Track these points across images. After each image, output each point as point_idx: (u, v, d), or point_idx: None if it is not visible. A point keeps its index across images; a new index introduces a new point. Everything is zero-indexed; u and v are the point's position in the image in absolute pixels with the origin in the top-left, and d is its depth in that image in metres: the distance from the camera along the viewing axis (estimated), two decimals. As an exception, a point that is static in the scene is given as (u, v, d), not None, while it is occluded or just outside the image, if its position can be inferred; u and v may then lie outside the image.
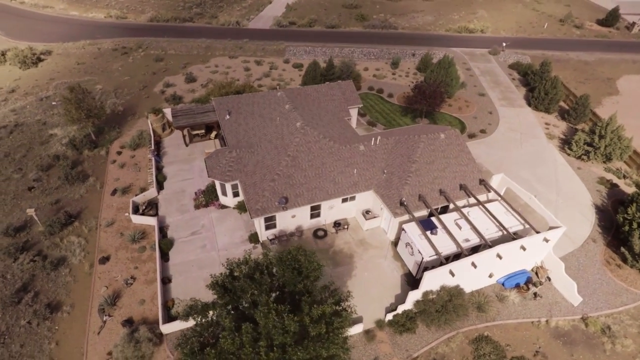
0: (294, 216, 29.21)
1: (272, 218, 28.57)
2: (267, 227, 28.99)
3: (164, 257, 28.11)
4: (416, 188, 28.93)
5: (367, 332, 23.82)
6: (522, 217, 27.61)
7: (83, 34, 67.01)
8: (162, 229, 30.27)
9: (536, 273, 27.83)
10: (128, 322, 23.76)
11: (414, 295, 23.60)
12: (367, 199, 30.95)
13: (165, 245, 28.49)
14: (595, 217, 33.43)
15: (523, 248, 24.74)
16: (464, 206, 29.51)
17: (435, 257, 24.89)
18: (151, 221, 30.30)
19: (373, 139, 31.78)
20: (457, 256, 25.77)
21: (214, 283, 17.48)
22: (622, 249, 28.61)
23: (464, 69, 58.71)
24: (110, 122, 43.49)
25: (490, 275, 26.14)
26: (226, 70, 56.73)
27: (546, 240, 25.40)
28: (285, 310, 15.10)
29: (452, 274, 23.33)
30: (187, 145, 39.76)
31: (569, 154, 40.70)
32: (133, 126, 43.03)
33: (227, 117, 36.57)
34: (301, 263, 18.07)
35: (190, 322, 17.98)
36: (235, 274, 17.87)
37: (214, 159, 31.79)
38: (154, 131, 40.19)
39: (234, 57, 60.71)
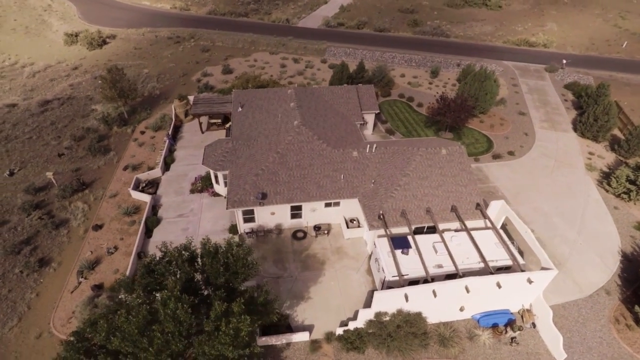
0: (273, 213, 29.16)
1: (251, 212, 28.78)
2: (246, 220, 29.28)
3: (148, 233, 29.74)
4: (401, 203, 27.28)
5: (314, 342, 23.02)
6: (509, 251, 24.70)
7: (147, 21, 73.10)
8: (155, 207, 32.02)
9: (522, 316, 24.79)
10: (97, 287, 25.54)
11: (366, 314, 22.28)
12: (352, 207, 29.86)
13: (152, 223, 30.09)
14: (618, 266, 28.86)
15: (499, 285, 22.14)
16: (455, 230, 27.20)
17: (397, 277, 23.28)
18: (146, 198, 32.19)
19: (368, 146, 30.58)
20: (427, 281, 23.87)
21: (144, 264, 18.05)
22: (637, 308, 24.37)
23: (510, 84, 53.99)
24: (145, 104, 46.97)
25: (462, 309, 23.78)
26: (263, 65, 58.25)
27: (530, 282, 22.44)
28: (187, 301, 15.14)
29: (406, 299, 21.60)
30: (202, 132, 41.56)
31: (607, 190, 35.59)
32: (163, 110, 45.99)
33: (240, 109, 37.54)
34: (229, 259, 17.96)
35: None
36: (166, 258, 18.29)
37: (212, 148, 32.86)
38: (176, 116, 42.64)
39: (274, 53, 62.13)
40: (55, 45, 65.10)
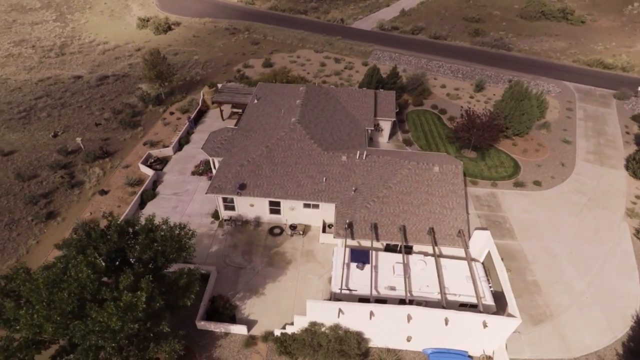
0: (252, 205, 29.53)
1: (232, 201, 29.47)
2: (226, 208, 30.04)
3: (142, 205, 31.96)
4: (375, 215, 25.92)
5: (251, 338, 22.98)
6: (476, 289, 22.11)
7: (212, 12, 78.01)
8: (156, 183, 34.28)
9: (481, 362, 22.19)
10: (82, 245, 28.13)
11: (301, 321, 21.62)
12: (333, 212, 29.06)
13: (147, 197, 32.30)
14: (625, 332, 24.37)
15: (447, 321, 20.01)
16: (426, 254, 25.12)
17: (346, 291, 22.23)
18: (150, 173, 34.59)
19: (359, 152, 29.49)
20: (380, 300, 22.43)
21: (84, 231, 19.29)
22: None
23: (564, 107, 48.03)
24: (184, 88, 50.38)
25: (409, 339, 21.92)
26: (304, 62, 58.91)
27: (484, 325, 19.92)
28: (100, 268, 16.11)
29: (339, 314, 20.49)
30: (223, 119, 43.38)
31: (644, 243, 30.21)
32: (197, 94, 48.90)
33: (255, 101, 38.57)
34: (158, 238, 18.66)
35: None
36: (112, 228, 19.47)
37: (215, 134, 34.22)
38: (203, 102, 45.06)
39: (318, 52, 62.49)
40: (129, 28, 72.55)
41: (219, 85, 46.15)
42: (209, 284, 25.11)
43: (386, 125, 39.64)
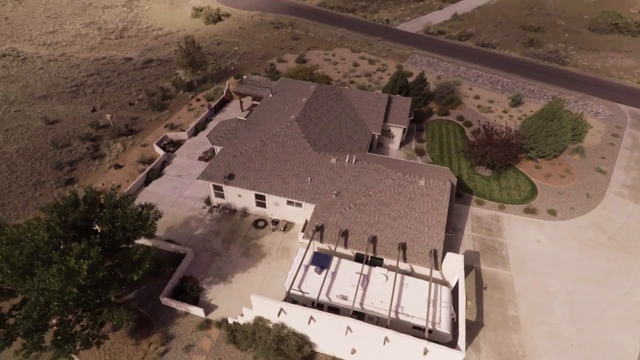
0: (240, 195, 30.40)
1: (221, 189, 30.57)
2: (217, 195, 31.24)
3: (147, 182, 34.29)
4: (348, 222, 25.47)
5: (206, 321, 23.89)
6: (436, 314, 20.91)
7: (262, 6, 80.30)
8: (164, 163, 36.53)
9: (427, 390, 21.02)
10: (86, 212, 30.97)
11: (248, 314, 22.03)
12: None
13: (152, 175, 34.56)
14: (607, 392, 21.67)
15: (386, 340, 19.24)
16: (390, 267, 24.21)
17: (299, 292, 22.27)
18: (161, 154, 36.93)
19: (348, 156, 29.04)
20: (332, 308, 22.18)
21: (71, 198, 21.28)
22: None
23: (609, 133, 43.01)
24: (216, 77, 52.82)
25: (352, 352, 21.39)
26: (338, 60, 58.75)
27: (425, 352, 18.83)
28: (57, 233, 17.85)
29: (279, 313, 20.54)
30: (242, 110, 44.87)
31: (662, 296, 26.39)
32: (226, 84, 50.97)
33: (270, 95, 39.45)
34: (118, 214, 20.09)
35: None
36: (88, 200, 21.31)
37: (222, 124, 35.60)
38: (228, 92, 46.90)
39: (355, 51, 61.90)
40: (184, 16, 77.19)
41: (244, 77, 47.71)
42: (182, 264, 26.46)
43: (397, 132, 38.44)
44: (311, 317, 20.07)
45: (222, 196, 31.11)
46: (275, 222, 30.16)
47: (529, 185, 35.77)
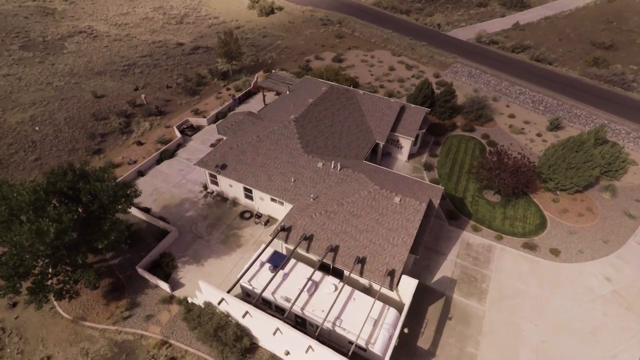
0: (231, 185, 31.94)
1: (215, 177, 32.34)
2: (212, 182, 33.09)
3: (159, 162, 37.26)
4: (314, 227, 25.71)
5: (170, 297, 25.84)
6: (376, 334, 20.60)
7: (315, 1, 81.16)
8: (179, 146, 39.32)
9: (354, 407, 20.91)
10: (101, 180, 34.63)
11: (200, 297, 23.44)
12: (295, 213, 29.64)
13: (165, 155, 37.45)
14: None
15: (310, 349, 19.45)
16: (343, 280, 24.09)
17: (249, 286, 23.22)
18: (177, 136, 39.77)
19: (333, 162, 29.09)
20: (279, 308, 22.86)
21: (62, 168, 24.10)
22: None
23: (656, 174, 37.74)
24: (252, 68, 55.08)
25: (286, 353, 21.87)
26: (375, 63, 58.00)
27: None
28: (41, 198, 20.63)
29: (220, 302, 21.60)
30: (264, 104, 46.41)
31: (656, 368, 23.17)
32: (255, 77, 52.93)
33: (287, 92, 40.50)
34: (97, 188, 22.48)
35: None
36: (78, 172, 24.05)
37: (232, 116, 37.38)
38: (255, 84, 48.74)
39: (395, 55, 60.55)
40: (241, 7, 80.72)
41: (273, 72, 49.14)
42: (164, 241, 28.68)
43: (406, 143, 37.39)
44: (247, 312, 20.94)
45: (216, 184, 32.92)
46: (259, 216, 31.32)
47: (538, 218, 32.93)
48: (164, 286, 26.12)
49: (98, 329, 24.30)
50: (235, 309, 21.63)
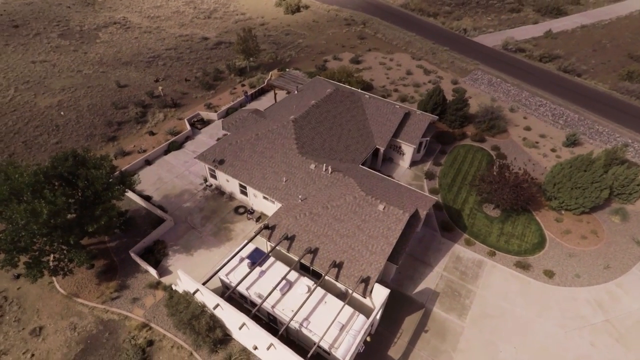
0: (228, 180, 32.89)
1: (214, 171, 33.39)
2: (211, 175, 34.22)
3: (167, 152, 38.85)
4: (297, 229, 26.14)
5: (157, 283, 27.13)
6: (342, 339, 20.83)
7: (342, 1, 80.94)
8: (187, 138, 40.80)
9: (314, 408, 21.26)
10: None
11: (180, 286, 24.46)
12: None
13: (172, 146, 39.01)
14: None
15: (272, 346, 19.95)
16: (316, 282, 24.36)
17: (225, 278, 24.05)
18: (187, 129, 41.26)
19: (324, 165, 29.32)
20: (254, 303, 23.55)
21: (64, 154, 25.78)
22: None
23: (677, 201, 35.22)
24: (269, 66, 55.98)
25: (254, 348, 22.50)
26: (393, 66, 57.41)
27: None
28: (41, 181, 22.29)
29: (195, 292, 22.49)
30: (275, 102, 47.17)
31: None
32: (269, 74, 53.71)
33: (296, 92, 41.06)
34: (90, 175, 23.94)
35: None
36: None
37: (239, 112, 38.33)
38: (268, 82, 49.57)
39: (415, 59, 59.63)
40: (269, 4, 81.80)
41: (287, 70, 49.78)
42: (159, 229, 30.07)
43: (408, 150, 36.98)
44: (217, 304, 21.74)
45: (215, 177, 34.01)
46: (251, 212, 32.12)
47: (537, 237, 31.75)
48: (153, 272, 27.44)
49: (88, 306, 25.95)
50: (209, 300, 22.49)
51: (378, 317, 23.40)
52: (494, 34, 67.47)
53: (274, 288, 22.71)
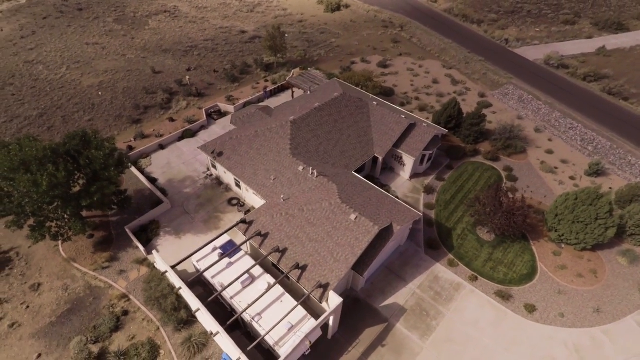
0: (225, 172, 34.56)
1: (214, 160, 35.16)
2: (212, 165, 36.09)
3: (180, 139, 41.39)
4: (271, 227, 27.11)
5: (144, 259, 29.43)
6: (287, 340, 21.65)
7: (384, 2, 79.79)
8: (203, 127, 43.10)
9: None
10: (130, 148, 39.70)
11: (158, 265, 26.43)
12: (270, 209, 31.25)
13: (186, 134, 41.45)
14: None
15: (217, 333, 21.19)
16: (278, 280, 25.14)
17: (196, 264, 25.71)
18: (203, 119, 43.54)
19: (311, 169, 29.89)
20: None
21: (73, 133, 28.62)
22: None
23: (702, 250, 31.51)
24: (296, 63, 57.12)
25: (212, 334, 23.83)
26: (420, 73, 56.15)
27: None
28: (48, 158, 25.18)
29: (163, 274, 24.25)
30: (292, 98, 48.22)
31: None
32: (291, 72, 54.72)
33: (308, 92, 41.88)
34: (91, 155, 26.49)
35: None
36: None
37: (248, 108, 39.86)
38: (288, 80, 50.69)
39: (446, 67, 57.79)
40: (311, 1, 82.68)
41: (309, 70, 50.53)
42: (155, 210, 32.46)
43: (409, 161, 36.41)
44: (179, 288, 23.38)
45: (215, 167, 35.85)
46: (242, 205, 33.58)
47: (527, 268, 30.16)
48: (141, 249, 29.80)
49: (81, 272, 28.86)
50: (176, 282, 24.22)
51: (331, 323, 23.83)
52: (539, 47, 63.31)
53: (235, 280, 23.94)
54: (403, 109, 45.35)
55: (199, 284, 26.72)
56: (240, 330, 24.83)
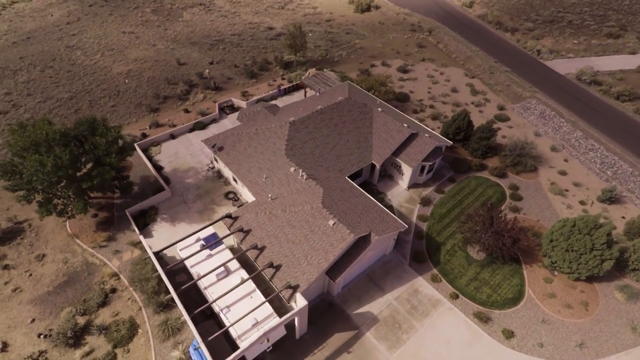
0: (224, 167, 35.82)
1: (216, 154, 36.48)
2: (215, 159, 37.48)
3: (191, 130, 43.19)
4: (254, 224, 27.99)
5: (137, 243, 31.25)
6: (251, 337, 22.53)
7: (416, 5, 78.23)
8: (214, 120, 44.68)
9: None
10: (144, 135, 41.98)
11: (149, 251, 28.08)
12: (261, 206, 32.15)
13: (198, 126, 43.17)
14: None
15: (186, 322, 22.38)
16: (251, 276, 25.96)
17: (179, 252, 27.11)
18: (215, 113, 45.11)
19: (301, 170, 30.41)
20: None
21: (82, 119, 30.80)
22: None
23: None
24: (316, 62, 57.58)
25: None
26: (440, 81, 54.95)
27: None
28: (57, 139, 27.38)
29: (145, 258, 25.75)
30: (305, 98, 48.80)
31: None
32: (307, 72, 55.14)
33: (317, 94, 42.35)
34: (96, 142, 28.45)
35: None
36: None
37: (255, 106, 40.87)
38: (302, 79, 51.25)
39: (468, 76, 56.13)
40: (341, 1, 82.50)
41: (325, 70, 50.84)
42: (156, 197, 34.32)
43: (407, 171, 36.03)
44: (158, 273, 24.81)
45: (217, 161, 37.22)
46: (236, 199, 34.74)
47: (514, 293, 29.19)
48: (137, 232, 31.70)
49: (81, 247, 31.18)
50: (157, 268, 25.71)
51: (297, 324, 24.40)
52: (573, 60, 59.90)
53: (211, 271, 25.09)
54: (414, 117, 44.93)
55: (184, 271, 28.18)
56: (214, 320, 25.99)
